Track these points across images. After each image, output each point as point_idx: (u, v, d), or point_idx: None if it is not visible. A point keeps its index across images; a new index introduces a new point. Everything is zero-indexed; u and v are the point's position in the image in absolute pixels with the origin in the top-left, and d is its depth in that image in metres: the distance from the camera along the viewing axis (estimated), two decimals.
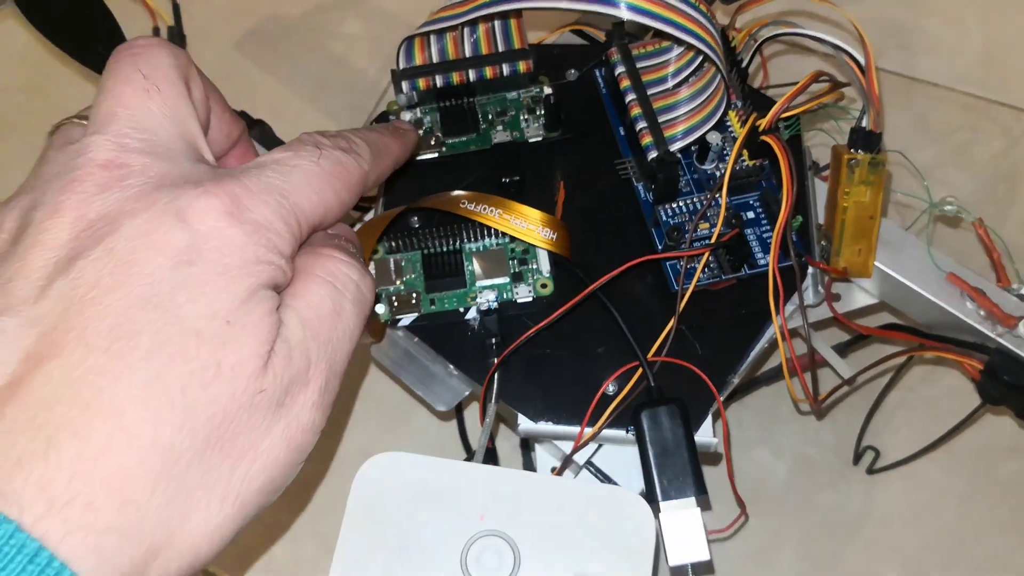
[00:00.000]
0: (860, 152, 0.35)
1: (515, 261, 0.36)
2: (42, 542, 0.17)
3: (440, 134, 0.39)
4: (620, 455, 0.35)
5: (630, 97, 0.37)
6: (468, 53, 0.39)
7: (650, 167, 0.36)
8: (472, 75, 0.39)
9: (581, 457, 0.35)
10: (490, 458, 0.39)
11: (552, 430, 0.34)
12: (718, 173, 0.38)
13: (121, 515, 0.18)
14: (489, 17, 0.39)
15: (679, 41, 0.38)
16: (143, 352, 0.18)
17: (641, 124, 0.36)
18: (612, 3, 0.32)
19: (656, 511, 0.31)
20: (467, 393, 0.37)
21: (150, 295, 0.19)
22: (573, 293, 0.34)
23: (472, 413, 0.44)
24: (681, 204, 0.37)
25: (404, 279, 0.36)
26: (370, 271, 0.24)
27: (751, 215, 0.37)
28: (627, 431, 0.34)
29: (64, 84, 0.56)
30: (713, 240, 0.35)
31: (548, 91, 0.39)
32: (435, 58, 0.39)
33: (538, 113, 0.40)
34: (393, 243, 0.36)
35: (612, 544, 0.30)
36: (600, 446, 0.35)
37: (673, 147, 0.36)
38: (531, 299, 0.36)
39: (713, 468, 0.40)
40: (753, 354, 0.36)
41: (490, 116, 0.40)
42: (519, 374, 0.35)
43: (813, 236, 0.37)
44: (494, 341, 0.35)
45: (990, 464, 0.43)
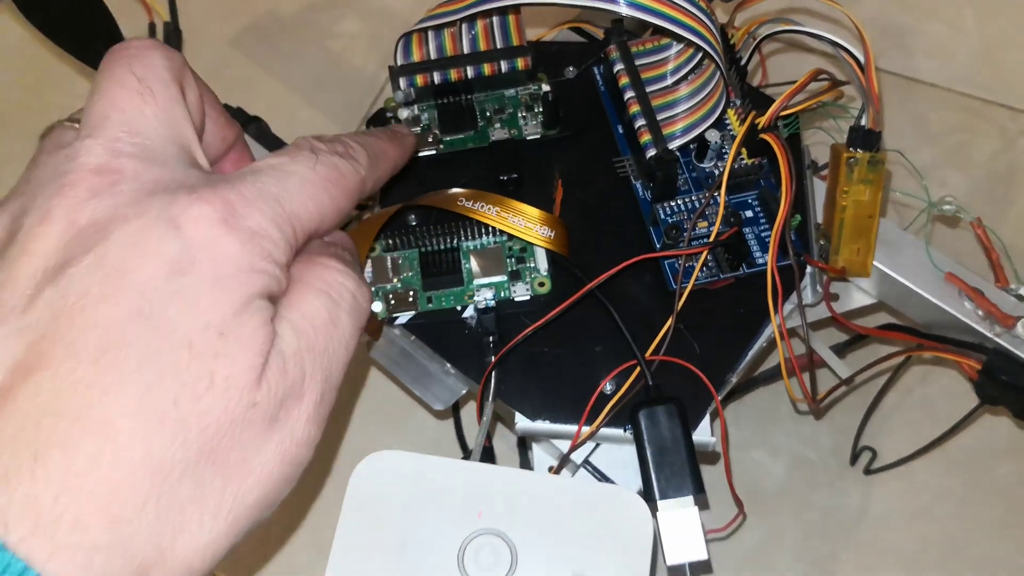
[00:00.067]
0: (859, 151, 0.35)
1: (513, 259, 0.36)
2: (28, 562, 0.16)
3: (438, 131, 0.39)
4: (618, 454, 0.35)
5: (629, 95, 0.37)
6: (466, 50, 0.39)
7: (648, 165, 0.36)
8: (470, 72, 0.39)
9: (578, 456, 0.35)
10: (487, 457, 0.39)
11: (549, 429, 0.34)
12: (717, 171, 0.37)
13: (110, 532, 0.17)
14: (488, 13, 0.39)
15: (678, 38, 0.38)
16: (133, 364, 0.18)
17: (640, 122, 0.36)
18: None
19: (654, 510, 0.31)
20: (464, 392, 0.37)
21: (141, 306, 0.18)
22: (571, 291, 0.34)
23: (469, 412, 0.44)
24: (679, 202, 0.37)
25: (401, 277, 0.36)
26: (366, 280, 0.24)
27: (750, 214, 0.37)
28: (625, 430, 0.34)
29: (59, 81, 0.55)
30: (711, 239, 0.35)
31: (546, 88, 0.39)
32: (433, 54, 0.39)
33: (536, 111, 0.40)
34: (390, 241, 0.36)
35: (609, 543, 0.30)
36: (598, 445, 0.35)
37: (672, 145, 0.36)
38: (529, 297, 0.36)
39: (711, 468, 0.40)
40: (751, 353, 0.36)
41: (488, 113, 0.40)
42: (516, 373, 0.35)
43: (812, 235, 0.37)
44: (491, 339, 0.35)
45: (988, 465, 0.43)
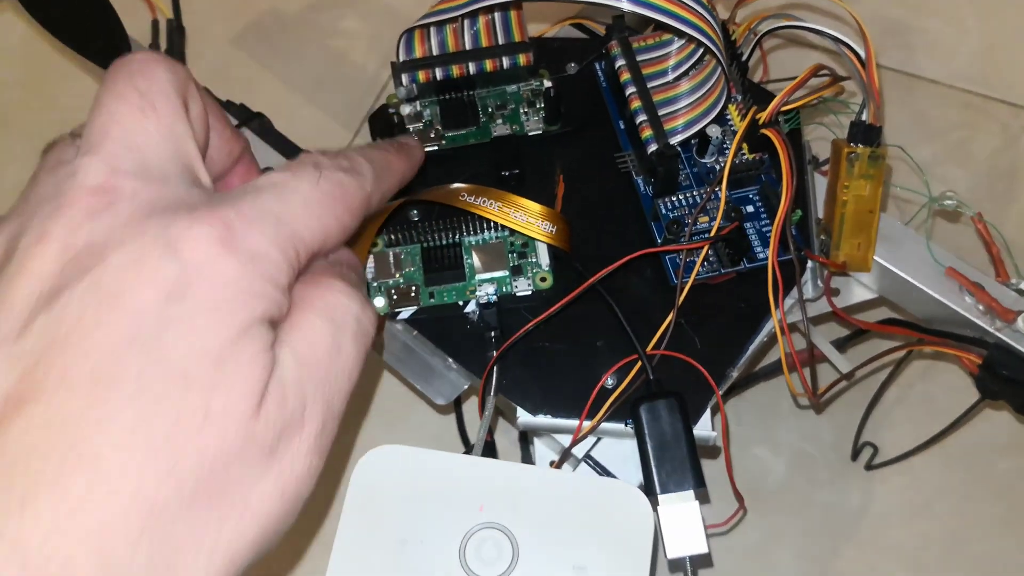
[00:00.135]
0: (860, 146, 0.35)
1: (514, 254, 0.36)
2: None
3: (440, 127, 0.39)
4: (619, 448, 0.35)
5: (630, 90, 0.37)
6: (468, 46, 0.39)
7: (650, 160, 0.36)
8: (472, 68, 0.39)
9: (580, 450, 0.35)
10: (489, 451, 0.39)
11: (551, 423, 0.34)
12: (718, 167, 0.38)
13: (101, 574, 0.17)
14: (489, 9, 0.39)
15: (680, 34, 0.38)
16: (126, 396, 0.17)
17: (641, 117, 0.36)
18: None
19: (654, 504, 0.31)
20: (466, 387, 0.37)
21: (136, 333, 0.18)
22: (572, 286, 0.34)
23: (471, 407, 0.44)
24: (681, 198, 0.37)
25: (403, 272, 0.36)
26: (372, 302, 0.23)
27: (750, 209, 0.37)
28: (626, 424, 0.34)
29: (62, 78, 0.55)
30: (712, 234, 0.35)
31: (548, 84, 0.39)
32: (435, 50, 0.39)
33: (538, 106, 0.40)
34: (392, 236, 0.36)
35: (610, 537, 0.30)
36: (599, 439, 0.35)
37: (673, 140, 0.36)
38: (530, 292, 0.36)
39: (711, 463, 0.41)
40: (752, 348, 0.36)
41: (490, 109, 0.40)
42: (518, 367, 0.35)
43: (812, 230, 0.37)
44: (493, 334, 0.35)
45: (989, 460, 0.43)
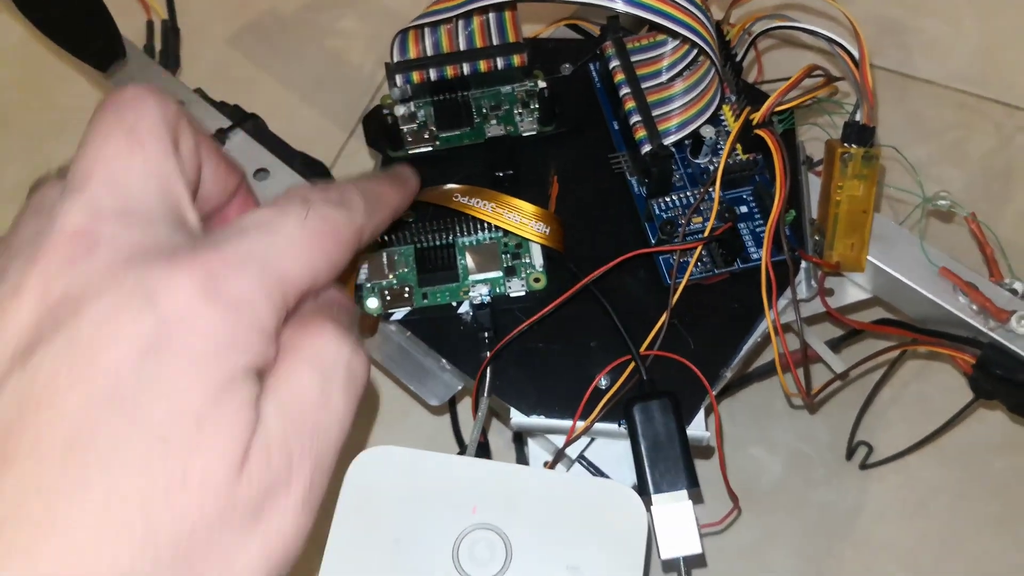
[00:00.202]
0: (853, 146, 0.35)
1: (508, 255, 0.36)
2: None
3: (434, 128, 0.39)
4: (612, 449, 0.35)
5: (624, 91, 0.37)
6: (462, 46, 0.39)
7: (644, 161, 0.36)
8: (466, 68, 0.39)
9: (573, 451, 0.35)
10: (483, 452, 0.39)
11: (544, 424, 0.34)
12: (712, 167, 0.38)
13: None
14: (484, 9, 0.39)
15: (674, 34, 0.38)
16: (101, 464, 0.16)
17: (635, 118, 0.36)
18: None
19: (648, 504, 0.31)
20: (460, 387, 0.37)
21: (111, 394, 0.17)
22: (566, 287, 0.34)
23: (465, 407, 0.44)
24: (674, 198, 0.37)
25: (397, 273, 0.36)
26: (363, 346, 0.23)
27: (744, 209, 0.37)
28: (619, 425, 0.34)
29: (59, 79, 0.55)
30: (706, 234, 0.35)
31: (542, 85, 0.39)
32: (429, 51, 0.39)
33: (532, 107, 0.40)
34: (386, 237, 0.36)
35: (604, 537, 0.30)
36: (592, 440, 0.35)
37: (667, 141, 0.36)
38: (524, 293, 0.36)
39: (706, 463, 0.41)
40: (746, 348, 0.36)
41: (484, 110, 0.40)
42: (512, 368, 0.35)
43: (806, 230, 0.37)
44: (487, 335, 0.35)
45: (983, 459, 0.43)
